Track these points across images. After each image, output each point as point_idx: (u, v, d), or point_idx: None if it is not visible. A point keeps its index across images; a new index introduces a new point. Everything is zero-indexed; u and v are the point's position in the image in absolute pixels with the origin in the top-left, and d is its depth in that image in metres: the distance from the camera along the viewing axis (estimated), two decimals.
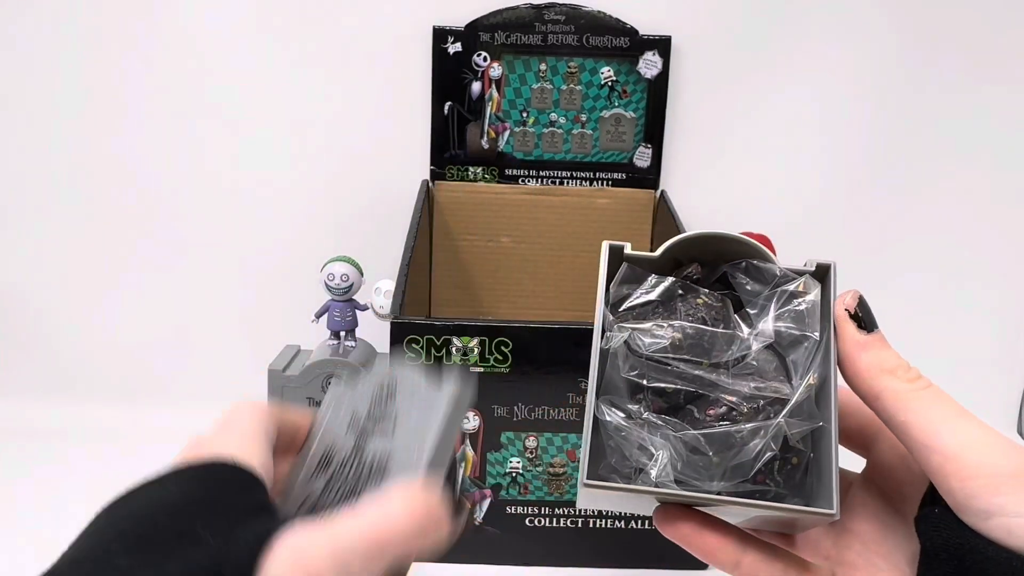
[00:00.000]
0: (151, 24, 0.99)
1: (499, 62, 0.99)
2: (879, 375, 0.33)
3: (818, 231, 1.05)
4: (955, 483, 0.30)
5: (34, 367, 1.07)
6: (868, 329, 0.34)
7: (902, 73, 1.01)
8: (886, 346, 0.33)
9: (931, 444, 0.31)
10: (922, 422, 0.31)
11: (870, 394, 0.33)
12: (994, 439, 0.30)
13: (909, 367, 0.33)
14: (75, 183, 1.03)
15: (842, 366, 0.34)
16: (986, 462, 0.30)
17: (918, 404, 0.32)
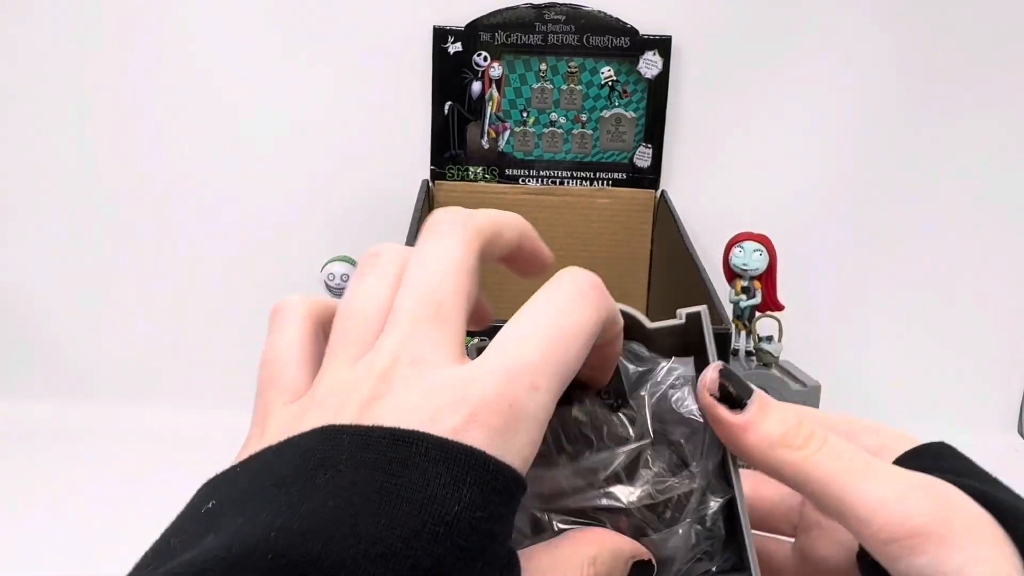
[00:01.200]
0: (152, 25, 0.99)
1: (499, 62, 0.99)
2: (771, 452, 0.30)
3: (818, 231, 1.05)
4: (875, 547, 0.28)
5: (35, 367, 1.07)
6: (742, 403, 0.30)
7: (902, 73, 1.01)
8: (766, 412, 0.30)
9: (842, 511, 0.29)
10: (828, 489, 0.29)
11: (770, 472, 0.30)
12: (906, 489, 0.28)
13: (798, 428, 0.30)
14: (76, 183, 1.03)
15: (733, 452, 0.31)
16: (900, 520, 0.27)
17: (818, 471, 0.29)
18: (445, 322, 0.25)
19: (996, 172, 1.04)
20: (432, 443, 0.21)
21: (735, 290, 0.88)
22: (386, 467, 0.21)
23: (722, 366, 0.31)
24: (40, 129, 1.02)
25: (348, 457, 0.21)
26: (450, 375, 0.23)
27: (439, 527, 0.20)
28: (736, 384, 0.30)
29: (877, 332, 1.08)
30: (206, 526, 0.21)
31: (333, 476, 0.21)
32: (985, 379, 1.09)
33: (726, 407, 0.30)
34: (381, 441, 0.21)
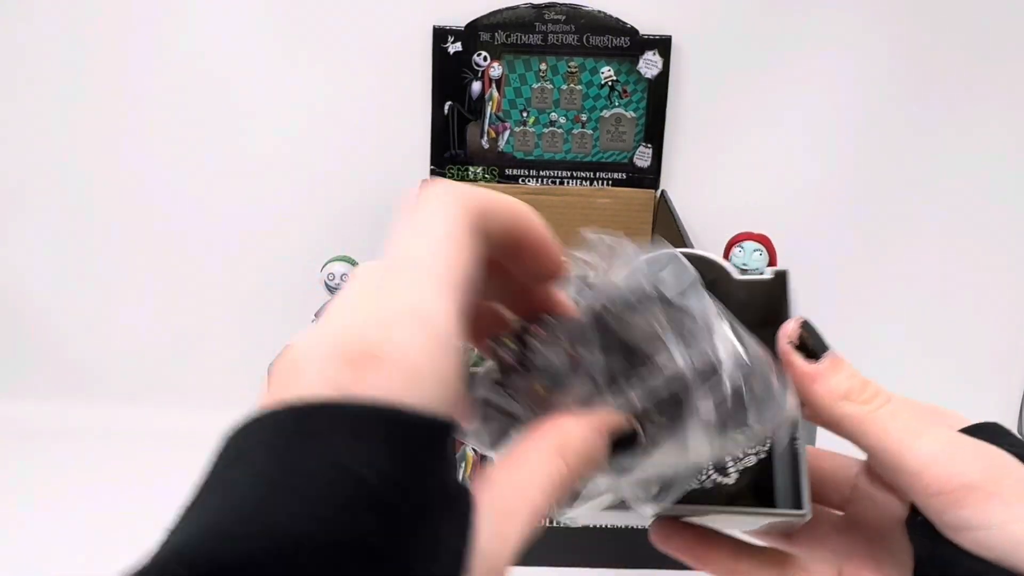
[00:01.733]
0: (152, 26, 0.99)
1: (499, 62, 0.99)
2: (835, 403, 0.32)
3: (818, 231, 1.05)
4: (924, 500, 0.30)
5: (35, 368, 1.07)
6: (816, 355, 0.33)
7: (902, 72, 1.01)
8: (838, 369, 0.33)
9: (896, 464, 0.30)
10: (884, 444, 0.31)
11: (831, 423, 0.32)
12: (957, 448, 0.30)
13: (865, 385, 0.32)
14: (76, 183, 1.03)
15: (801, 399, 0.33)
16: (950, 475, 0.29)
17: (878, 426, 0.31)
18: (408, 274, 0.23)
19: (996, 172, 1.04)
20: (335, 411, 0.20)
21: None
22: (291, 447, 0.20)
23: (804, 320, 0.34)
24: (40, 129, 1.02)
25: (257, 442, 0.20)
26: (340, 326, 0.22)
27: (356, 501, 0.19)
28: (814, 338, 0.33)
29: (877, 332, 1.08)
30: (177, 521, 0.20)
31: (245, 467, 0.20)
32: (985, 379, 1.09)
33: (802, 356, 0.33)
34: (286, 421, 0.20)
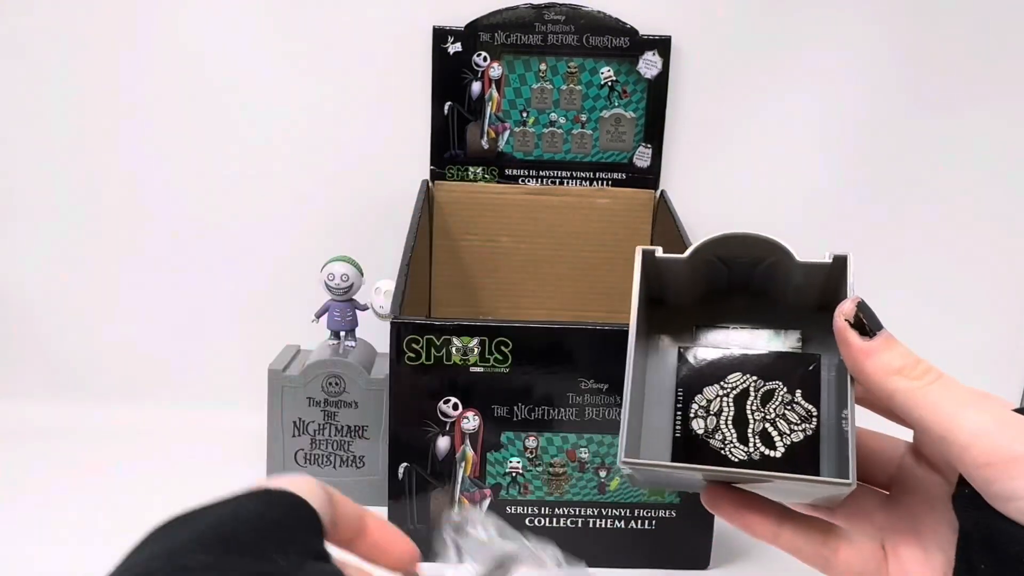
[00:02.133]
0: (151, 25, 0.99)
1: (499, 62, 0.99)
2: (887, 378, 0.33)
3: (818, 231, 1.05)
4: (973, 471, 0.31)
5: (35, 367, 1.07)
6: (872, 333, 0.34)
7: (903, 73, 1.01)
8: (891, 346, 0.34)
9: (946, 436, 0.32)
10: (935, 416, 0.32)
11: (883, 397, 0.34)
12: (1006, 422, 0.31)
13: (917, 362, 0.34)
14: (76, 183, 1.03)
15: (853, 375, 0.35)
16: (1000, 446, 0.30)
17: (929, 399, 0.32)
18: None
19: (996, 172, 1.05)
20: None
21: None
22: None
23: (860, 299, 0.35)
24: (38, 129, 1.02)
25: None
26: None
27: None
28: (869, 317, 0.35)
29: None
30: None
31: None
32: (985, 378, 1.09)
33: (857, 333, 0.34)
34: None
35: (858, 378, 0.35)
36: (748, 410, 0.39)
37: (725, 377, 0.40)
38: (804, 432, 0.38)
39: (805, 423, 0.39)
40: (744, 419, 0.39)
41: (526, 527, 0.77)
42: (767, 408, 0.39)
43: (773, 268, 0.40)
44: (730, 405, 0.39)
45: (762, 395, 0.39)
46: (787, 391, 0.39)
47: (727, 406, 0.39)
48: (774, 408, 0.39)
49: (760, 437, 0.38)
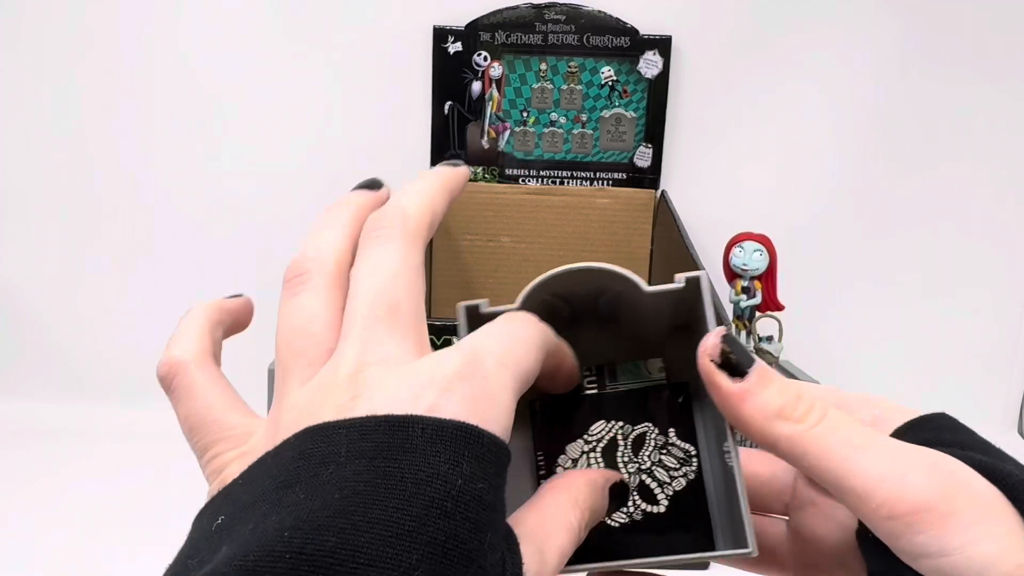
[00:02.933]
0: (152, 25, 0.99)
1: (499, 62, 0.99)
2: (767, 424, 0.29)
3: (818, 231, 1.05)
4: (875, 524, 0.27)
5: (35, 368, 1.07)
6: (742, 372, 0.29)
7: (903, 74, 1.01)
8: (767, 383, 0.29)
9: (841, 485, 0.27)
10: (825, 464, 0.28)
11: (765, 445, 0.29)
12: (907, 464, 0.27)
13: (798, 400, 0.29)
14: (78, 184, 1.03)
15: (729, 421, 0.30)
16: (900, 496, 0.26)
17: (816, 445, 0.28)
18: (403, 322, 0.26)
19: (996, 172, 1.04)
20: (427, 424, 0.22)
21: (735, 290, 0.88)
22: (386, 453, 0.21)
23: (725, 331, 0.30)
24: (40, 129, 1.02)
25: (347, 450, 0.21)
26: (419, 364, 0.24)
27: (447, 502, 0.21)
28: (738, 351, 0.29)
29: (877, 332, 1.08)
30: (219, 540, 0.21)
31: (336, 469, 0.21)
32: (985, 379, 1.09)
33: (726, 374, 0.29)
34: (376, 429, 0.22)
35: (735, 424, 0.30)
36: (620, 463, 0.34)
37: (588, 429, 0.34)
38: (686, 477, 0.34)
39: (685, 466, 0.34)
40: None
41: None
42: (640, 456, 0.34)
43: (617, 297, 0.35)
44: (599, 461, 0.34)
45: (632, 442, 0.34)
46: (659, 432, 0.34)
47: (596, 463, 0.34)
48: (648, 455, 0.34)
49: (639, 492, 0.33)
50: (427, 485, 0.21)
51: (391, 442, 0.21)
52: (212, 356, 0.30)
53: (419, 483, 0.21)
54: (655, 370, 0.35)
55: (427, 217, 0.29)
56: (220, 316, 0.32)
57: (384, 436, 0.22)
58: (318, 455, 0.22)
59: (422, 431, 0.22)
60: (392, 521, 0.20)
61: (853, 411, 0.31)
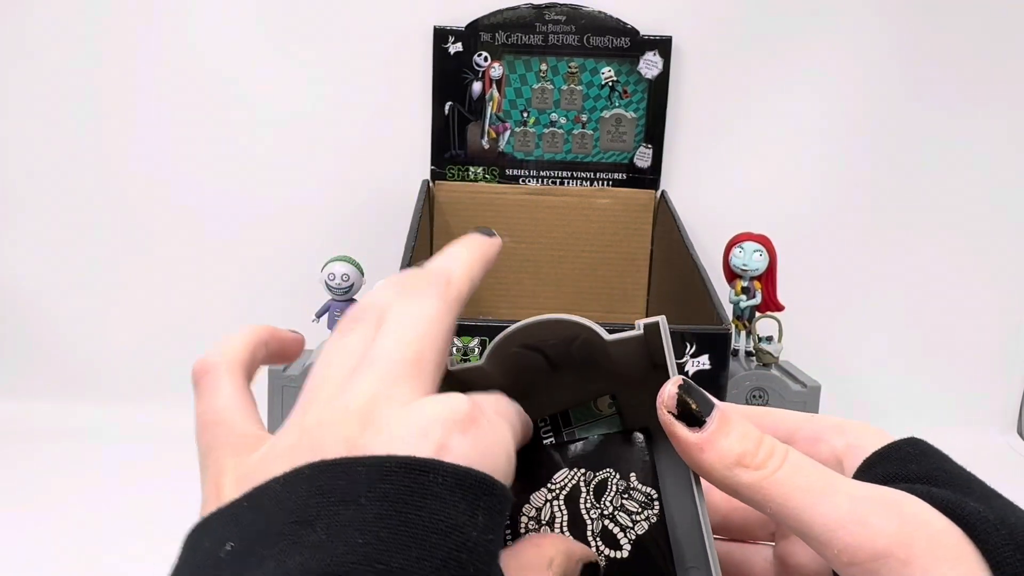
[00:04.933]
0: (152, 25, 0.99)
1: (500, 62, 0.99)
2: (728, 472, 0.29)
3: (818, 231, 1.05)
4: (838, 568, 0.27)
5: (35, 367, 1.07)
6: (701, 420, 0.29)
7: (903, 72, 1.01)
8: (726, 430, 0.29)
9: (803, 531, 0.28)
10: (786, 510, 0.28)
11: (728, 492, 0.30)
12: (865, 510, 0.27)
13: (759, 445, 0.29)
14: (77, 184, 1.03)
15: (692, 469, 0.31)
16: (859, 542, 0.26)
17: (777, 491, 0.28)
18: (423, 373, 0.26)
19: (996, 172, 1.04)
20: (447, 471, 0.22)
21: (735, 290, 0.88)
22: (407, 498, 0.21)
23: (682, 380, 0.30)
24: (41, 129, 1.02)
25: (367, 489, 0.21)
26: (428, 402, 0.25)
27: (462, 554, 0.21)
28: (697, 399, 0.30)
29: (877, 332, 1.08)
30: (232, 570, 0.21)
31: (357, 511, 0.21)
32: (985, 379, 1.09)
33: (684, 424, 0.29)
34: (397, 471, 0.22)
35: (697, 472, 0.30)
36: (583, 510, 0.34)
37: (551, 477, 0.35)
38: (648, 520, 0.33)
39: (647, 509, 0.34)
40: (581, 521, 0.34)
41: None
42: (602, 502, 0.34)
43: (588, 344, 0.35)
44: (562, 509, 0.34)
45: (595, 488, 0.34)
46: (620, 477, 0.34)
47: (559, 510, 0.34)
48: (610, 500, 0.34)
49: (601, 538, 0.33)
50: (446, 536, 0.21)
51: (412, 487, 0.22)
52: (244, 368, 0.30)
53: (439, 533, 0.21)
54: (604, 407, 0.36)
55: (467, 285, 0.30)
56: (268, 338, 0.32)
57: (405, 479, 0.22)
58: (337, 493, 0.22)
59: (443, 478, 0.22)
60: (413, 572, 0.20)
61: (826, 440, 0.31)
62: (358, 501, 0.21)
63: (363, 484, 0.21)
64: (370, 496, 0.21)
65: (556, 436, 0.36)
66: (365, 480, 0.22)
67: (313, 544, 0.20)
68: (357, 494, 0.21)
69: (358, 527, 0.21)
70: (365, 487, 0.21)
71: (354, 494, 0.21)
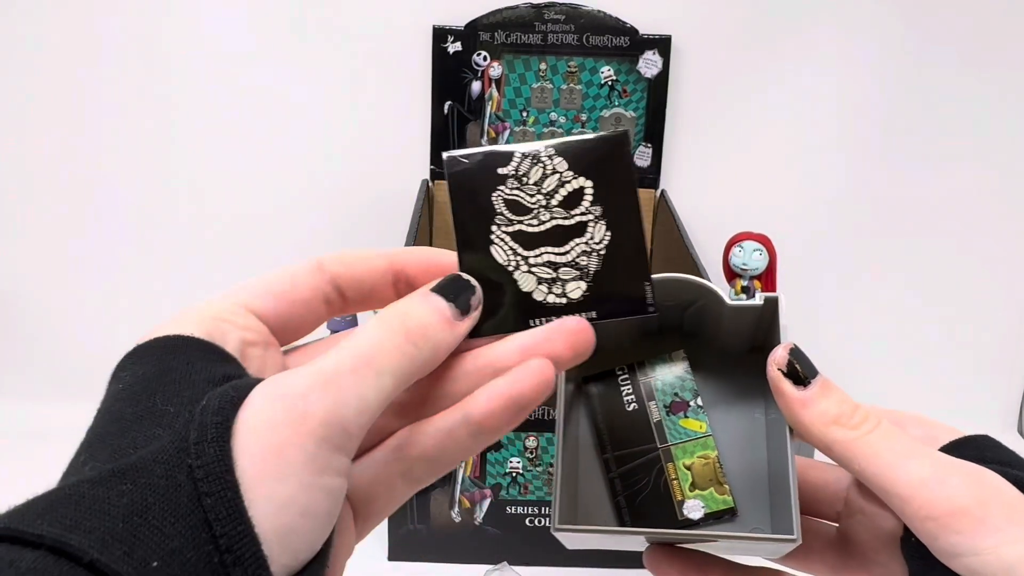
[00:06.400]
0: (151, 25, 0.98)
1: (499, 61, 0.98)
2: (824, 429, 0.32)
3: (818, 230, 1.05)
4: (916, 524, 0.30)
5: (35, 367, 1.07)
6: (805, 382, 0.33)
7: (903, 73, 1.01)
8: (827, 393, 0.33)
9: (887, 488, 0.31)
10: (874, 468, 0.31)
11: (821, 447, 0.33)
12: (946, 472, 0.30)
13: (855, 410, 0.33)
14: (76, 184, 1.03)
15: (791, 425, 0.34)
16: (940, 499, 0.29)
17: (867, 450, 0.31)
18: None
19: (995, 172, 1.04)
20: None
21: (735, 290, 0.88)
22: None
23: (792, 345, 0.34)
24: (40, 129, 1.01)
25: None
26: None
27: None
28: (803, 364, 0.33)
29: (877, 332, 1.08)
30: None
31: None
32: (985, 379, 1.09)
33: (791, 382, 0.33)
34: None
35: (795, 428, 0.34)
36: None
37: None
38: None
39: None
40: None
41: (526, 527, 0.77)
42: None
43: (702, 311, 0.39)
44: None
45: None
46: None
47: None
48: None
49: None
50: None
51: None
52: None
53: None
54: (678, 359, 0.41)
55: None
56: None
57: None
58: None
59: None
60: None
61: (906, 427, 0.35)
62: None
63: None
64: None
65: (631, 375, 0.41)
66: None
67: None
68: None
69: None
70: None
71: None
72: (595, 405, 0.40)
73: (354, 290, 0.31)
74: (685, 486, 0.39)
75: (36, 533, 0.20)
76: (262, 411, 0.24)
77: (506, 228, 0.30)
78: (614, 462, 0.40)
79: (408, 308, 0.27)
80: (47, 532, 0.20)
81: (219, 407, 0.23)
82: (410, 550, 0.78)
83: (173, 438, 0.23)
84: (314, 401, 0.24)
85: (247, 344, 0.29)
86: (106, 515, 0.21)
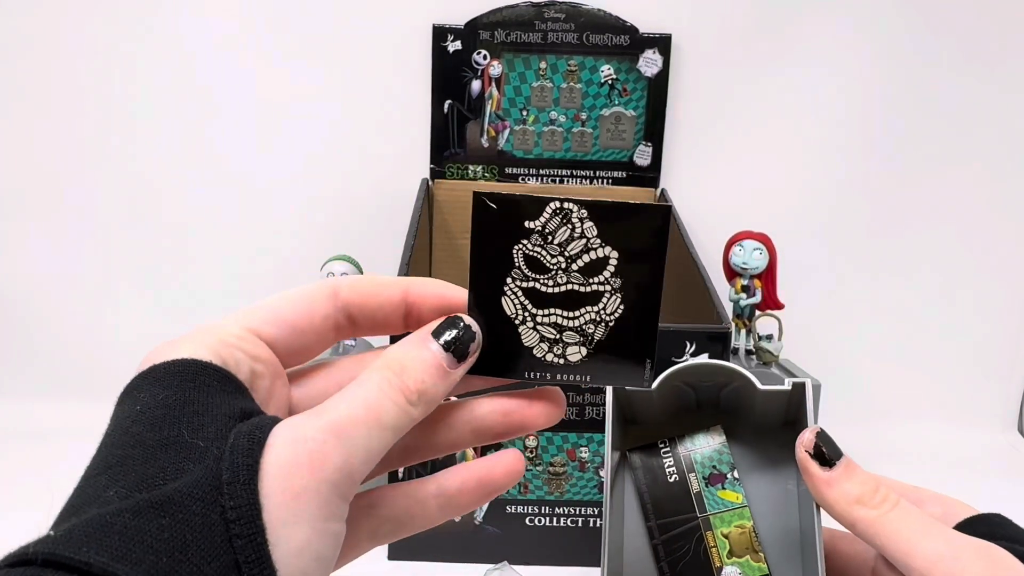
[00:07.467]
0: (151, 25, 0.98)
1: (499, 60, 0.98)
2: (848, 507, 0.35)
3: (818, 229, 1.05)
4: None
5: (38, 368, 1.07)
6: (831, 463, 0.36)
7: (903, 72, 1.01)
8: (851, 475, 0.36)
9: (907, 563, 0.34)
10: (894, 544, 0.34)
11: (846, 524, 0.36)
12: (960, 549, 0.33)
13: (876, 490, 0.35)
14: (76, 184, 1.03)
15: (817, 502, 0.37)
16: (954, 574, 0.32)
17: (888, 528, 0.34)
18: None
19: (996, 171, 1.04)
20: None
21: (735, 289, 0.88)
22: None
23: (819, 429, 0.37)
24: (41, 129, 1.01)
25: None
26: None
27: None
28: (829, 446, 0.36)
29: (877, 331, 1.08)
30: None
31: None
32: (985, 379, 1.09)
33: (817, 464, 0.36)
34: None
35: (822, 506, 0.37)
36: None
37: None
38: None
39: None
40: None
41: (526, 526, 0.77)
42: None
43: (738, 391, 0.42)
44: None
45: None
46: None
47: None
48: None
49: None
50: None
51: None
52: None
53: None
54: (716, 433, 0.44)
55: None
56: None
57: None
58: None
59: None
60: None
61: (925, 505, 0.38)
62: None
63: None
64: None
65: (671, 447, 0.44)
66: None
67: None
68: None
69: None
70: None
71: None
72: (639, 475, 0.43)
73: (366, 318, 0.32)
74: (723, 554, 0.42)
75: (83, 560, 0.21)
76: (283, 455, 0.25)
77: (520, 283, 0.31)
78: (657, 530, 0.43)
79: (406, 362, 0.29)
80: (95, 560, 0.21)
81: (248, 448, 0.25)
82: (410, 550, 0.78)
83: (205, 474, 0.24)
84: (331, 450, 0.25)
85: (256, 376, 0.30)
86: (150, 549, 0.22)
